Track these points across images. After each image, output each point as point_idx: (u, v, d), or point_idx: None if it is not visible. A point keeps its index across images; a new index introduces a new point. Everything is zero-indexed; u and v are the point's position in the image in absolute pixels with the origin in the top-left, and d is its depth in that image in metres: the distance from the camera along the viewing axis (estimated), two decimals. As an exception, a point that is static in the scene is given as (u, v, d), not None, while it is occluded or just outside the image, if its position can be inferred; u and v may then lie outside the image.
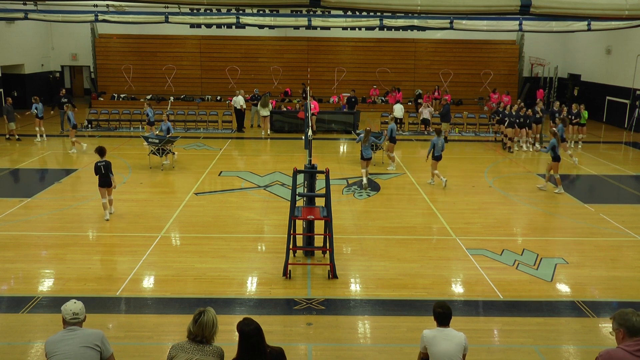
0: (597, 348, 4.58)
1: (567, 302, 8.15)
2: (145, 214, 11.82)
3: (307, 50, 29.93)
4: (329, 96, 28.63)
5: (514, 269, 9.21)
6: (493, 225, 11.50)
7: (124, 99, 28.94)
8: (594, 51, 26.86)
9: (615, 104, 24.49)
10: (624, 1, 8.41)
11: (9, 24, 25.60)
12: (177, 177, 15.02)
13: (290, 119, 22.21)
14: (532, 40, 29.15)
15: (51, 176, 14.36)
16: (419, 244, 10.36)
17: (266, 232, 10.99)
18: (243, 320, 4.20)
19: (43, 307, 7.70)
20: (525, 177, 15.84)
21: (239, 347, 4.11)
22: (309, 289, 8.37)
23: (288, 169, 15.16)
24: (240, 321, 4.18)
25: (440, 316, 4.94)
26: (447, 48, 29.75)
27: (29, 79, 27.87)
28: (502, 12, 8.74)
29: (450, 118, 21.41)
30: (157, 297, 8.10)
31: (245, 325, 4.13)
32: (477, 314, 7.82)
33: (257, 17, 22.64)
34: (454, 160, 18.22)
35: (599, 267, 9.41)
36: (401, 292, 8.33)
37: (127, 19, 21.17)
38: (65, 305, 4.44)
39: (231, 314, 7.49)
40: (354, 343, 7.00)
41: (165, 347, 6.33)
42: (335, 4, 8.38)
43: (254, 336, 4.09)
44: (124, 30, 28.45)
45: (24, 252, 9.71)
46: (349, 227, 11.10)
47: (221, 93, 29.45)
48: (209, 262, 9.31)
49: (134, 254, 9.56)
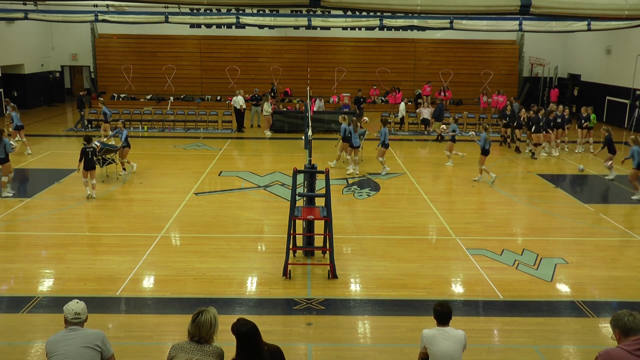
0: (597, 348, 4.58)
1: (567, 302, 8.15)
2: (145, 214, 11.82)
3: (307, 50, 29.93)
4: (329, 96, 28.63)
5: (514, 269, 9.21)
6: (493, 225, 11.50)
7: (124, 99, 28.94)
8: (594, 51, 26.86)
9: (615, 104, 24.49)
10: (624, 1, 8.41)
11: (9, 23, 25.60)
12: (177, 177, 15.02)
13: (291, 119, 22.21)
14: (532, 40, 29.15)
15: (51, 176, 14.36)
16: (419, 244, 10.36)
17: (266, 232, 10.99)
18: (238, 321, 4.16)
19: (43, 307, 7.70)
20: (526, 177, 15.85)
21: (238, 348, 4.09)
22: (309, 289, 8.37)
23: (288, 169, 15.16)
24: (234, 323, 4.14)
25: (440, 315, 4.94)
26: (447, 48, 29.75)
27: (29, 79, 27.87)
28: (502, 12, 8.74)
29: (443, 118, 21.38)
30: (157, 297, 8.10)
31: (242, 325, 4.10)
32: (477, 314, 7.82)
33: (257, 17, 22.65)
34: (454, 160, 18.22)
35: (599, 267, 9.42)
36: (401, 292, 8.33)
37: (127, 19, 21.17)
38: (67, 305, 4.44)
39: (231, 314, 7.48)
40: (354, 343, 7.00)
41: (165, 347, 6.33)
42: (335, 4, 8.37)
43: (252, 336, 4.08)
44: (124, 30, 28.44)
45: (24, 252, 9.71)
46: (348, 227, 11.10)
47: (221, 93, 29.45)
48: (209, 262, 9.31)
49: (134, 254, 9.56)
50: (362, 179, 15.05)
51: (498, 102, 24.70)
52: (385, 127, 15.61)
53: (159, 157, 17.44)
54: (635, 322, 3.95)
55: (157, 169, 15.84)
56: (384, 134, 15.44)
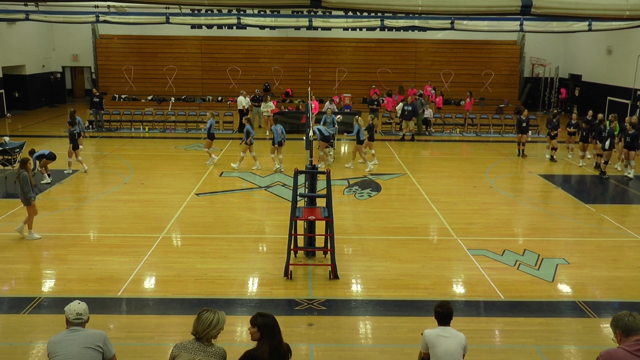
0: (598, 348, 4.58)
1: (569, 302, 8.14)
2: (146, 214, 11.83)
3: (308, 51, 29.94)
4: (330, 97, 28.59)
5: (515, 269, 9.21)
6: (494, 225, 11.50)
7: (125, 100, 28.96)
8: (595, 51, 26.84)
9: (616, 104, 24.46)
10: (624, 1, 8.40)
11: (10, 24, 25.63)
12: (178, 177, 15.03)
13: (291, 120, 22.20)
14: (533, 40, 29.15)
15: (52, 177, 14.36)
16: (420, 244, 10.36)
17: (267, 232, 10.99)
18: (257, 314, 4.31)
19: (44, 308, 7.70)
20: (527, 178, 15.84)
21: (262, 339, 4.20)
22: (310, 289, 8.37)
23: (289, 170, 15.16)
24: (254, 317, 4.29)
25: (441, 316, 4.96)
26: (448, 48, 29.75)
27: (30, 80, 27.90)
28: (503, 12, 8.73)
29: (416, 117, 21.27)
30: (159, 298, 8.10)
31: (264, 317, 4.27)
32: (479, 314, 7.81)
33: (258, 18, 22.65)
34: (455, 160, 18.26)
35: (600, 267, 9.41)
36: (402, 292, 8.33)
37: (128, 19, 21.19)
38: (69, 305, 4.44)
39: (232, 314, 7.49)
40: (355, 343, 7.00)
41: (166, 348, 6.34)
42: (336, 5, 8.37)
43: (275, 325, 4.25)
44: (125, 31, 28.46)
45: (26, 252, 9.72)
46: (350, 228, 11.10)
47: (222, 94, 29.46)
48: (210, 262, 9.31)
49: (135, 254, 9.57)
50: (363, 180, 15.05)
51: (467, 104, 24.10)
52: (357, 124, 16.18)
53: (160, 158, 17.46)
54: (636, 322, 3.96)
55: (158, 169, 15.85)
56: (356, 131, 16.06)
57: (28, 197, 10.09)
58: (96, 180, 14.97)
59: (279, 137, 15.68)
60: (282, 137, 15.74)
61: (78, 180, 14.75)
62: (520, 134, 18.30)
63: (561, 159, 17.92)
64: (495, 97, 29.12)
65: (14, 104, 27.03)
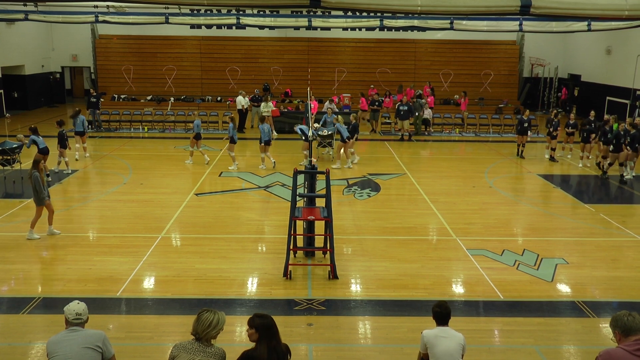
0: (597, 348, 4.58)
1: (568, 302, 8.15)
2: (145, 214, 11.82)
3: (308, 51, 29.93)
4: (329, 97, 28.59)
5: (515, 269, 9.21)
6: (493, 225, 11.50)
7: (125, 100, 28.95)
8: (594, 51, 26.86)
9: (616, 104, 24.47)
10: (624, 1, 8.42)
11: (9, 24, 25.62)
12: (178, 177, 15.03)
13: (291, 120, 22.20)
14: (532, 40, 29.15)
15: (52, 177, 14.36)
16: (419, 244, 10.36)
17: (267, 232, 10.99)
18: (255, 316, 4.32)
19: (43, 308, 7.69)
20: (526, 178, 15.85)
21: (260, 340, 4.21)
22: (309, 289, 8.37)
23: (288, 170, 15.16)
24: (251, 318, 4.30)
25: (439, 316, 4.96)
26: (447, 48, 29.75)
27: (30, 80, 27.89)
28: (502, 12, 8.76)
29: (412, 116, 21.32)
30: (158, 298, 8.10)
31: (262, 318, 4.28)
32: (478, 314, 7.82)
33: (258, 18, 22.65)
34: (455, 160, 18.27)
35: (599, 267, 9.41)
36: (402, 292, 8.33)
37: (128, 19, 21.19)
38: (68, 305, 4.44)
39: (232, 314, 7.49)
40: (355, 343, 7.00)
41: (165, 348, 6.34)
42: (335, 5, 8.38)
43: (273, 326, 4.26)
44: (125, 31, 28.44)
45: (25, 252, 9.71)
46: (349, 228, 11.11)
47: (221, 94, 29.45)
48: (210, 262, 9.31)
49: (134, 254, 9.56)
50: (362, 180, 15.05)
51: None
52: (338, 123, 16.49)
53: (160, 158, 17.46)
54: (635, 322, 3.96)
55: (157, 169, 15.85)
56: (336, 130, 16.39)
57: (41, 197, 10.11)
58: (95, 180, 14.98)
59: (266, 136, 15.85)
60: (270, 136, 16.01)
61: (77, 180, 14.75)
62: (520, 135, 18.10)
63: (561, 159, 17.93)
64: (495, 97, 29.12)
65: (13, 104, 27.02)
